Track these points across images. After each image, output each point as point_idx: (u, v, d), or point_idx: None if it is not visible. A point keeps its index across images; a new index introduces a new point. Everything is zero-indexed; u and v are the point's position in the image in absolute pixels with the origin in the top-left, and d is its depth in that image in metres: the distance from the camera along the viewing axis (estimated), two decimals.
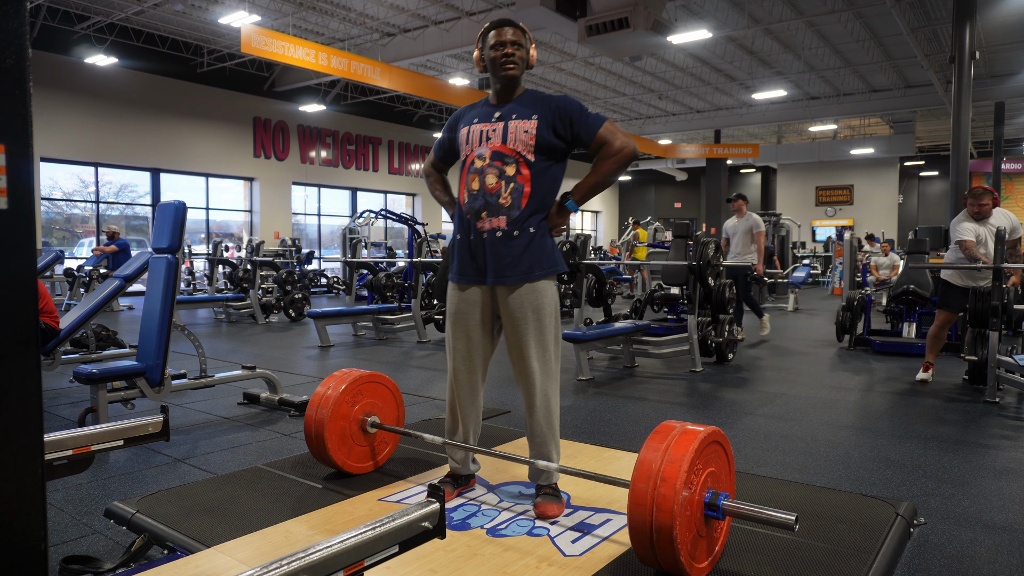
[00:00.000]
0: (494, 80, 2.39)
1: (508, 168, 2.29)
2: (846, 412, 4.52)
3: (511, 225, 2.28)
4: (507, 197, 2.28)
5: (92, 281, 10.47)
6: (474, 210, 2.32)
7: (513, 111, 2.34)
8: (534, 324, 2.33)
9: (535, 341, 2.34)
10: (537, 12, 11.33)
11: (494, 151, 2.31)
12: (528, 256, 2.30)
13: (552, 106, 2.32)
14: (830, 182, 28.03)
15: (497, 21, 2.38)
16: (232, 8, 13.20)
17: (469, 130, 2.39)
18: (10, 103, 0.84)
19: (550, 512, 2.31)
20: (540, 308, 2.33)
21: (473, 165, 2.34)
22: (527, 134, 2.29)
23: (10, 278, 0.84)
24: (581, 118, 2.30)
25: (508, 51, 2.32)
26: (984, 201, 5.17)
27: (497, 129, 2.33)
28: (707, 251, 5.96)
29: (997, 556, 2.38)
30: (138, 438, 2.47)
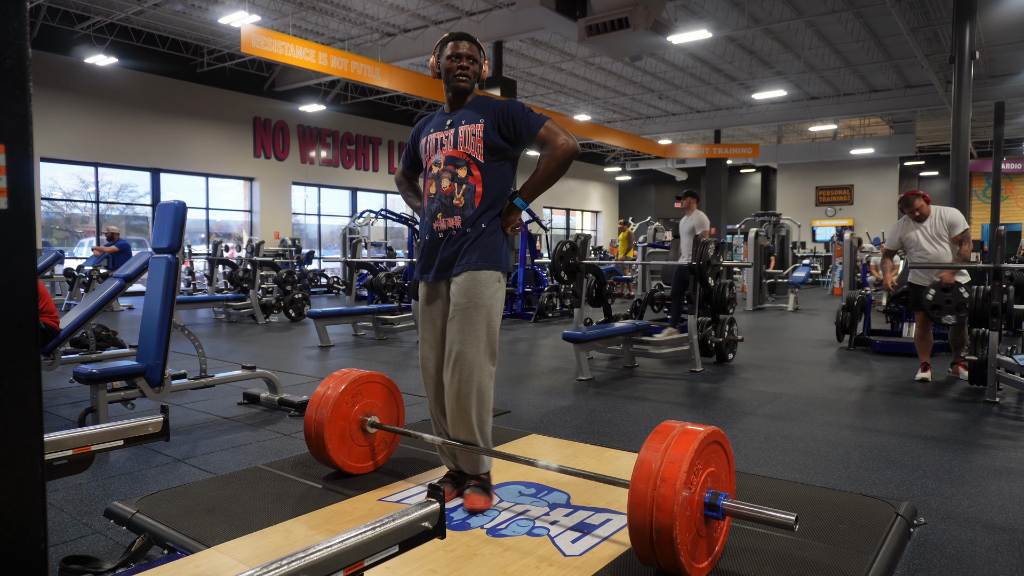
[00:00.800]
0: (447, 89, 2.54)
1: (460, 170, 2.44)
2: (846, 412, 4.52)
3: (465, 223, 2.42)
4: (460, 198, 2.42)
5: (92, 281, 10.47)
6: (431, 212, 2.48)
7: (463, 117, 2.49)
8: (469, 311, 2.37)
9: (465, 327, 2.36)
10: (537, 12, 11.33)
11: (447, 156, 2.46)
12: (474, 248, 2.41)
13: (497, 110, 2.46)
14: (830, 182, 28.03)
15: (455, 34, 2.52)
16: (232, 8, 13.19)
17: (427, 140, 2.56)
18: (10, 103, 0.84)
19: (479, 504, 2.37)
20: (478, 295, 2.38)
21: (431, 171, 2.51)
22: (475, 137, 2.43)
23: (10, 278, 0.84)
24: (523, 119, 2.43)
25: (463, 64, 2.47)
26: (917, 205, 5.35)
27: (449, 135, 2.48)
28: (707, 251, 5.96)
29: (997, 556, 2.38)
30: (138, 438, 2.47)
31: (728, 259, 15.17)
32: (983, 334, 5.04)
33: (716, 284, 6.29)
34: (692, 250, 6.77)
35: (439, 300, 2.50)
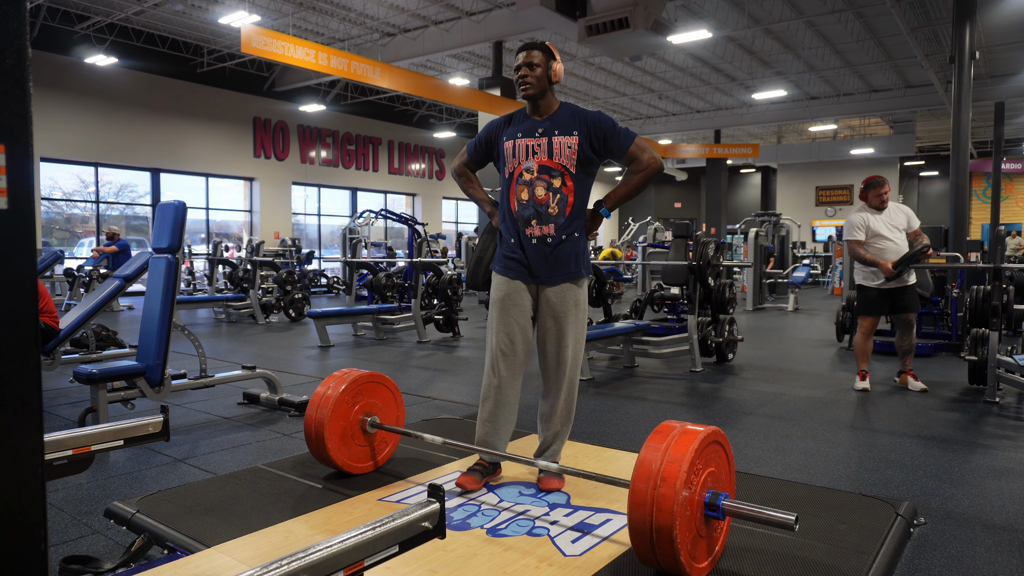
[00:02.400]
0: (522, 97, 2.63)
1: (555, 180, 2.54)
2: (846, 412, 4.52)
3: (558, 231, 2.55)
4: (555, 207, 2.54)
5: (92, 281, 10.47)
6: (524, 218, 2.57)
7: (555, 127, 2.56)
8: (574, 317, 2.59)
9: (573, 331, 2.59)
10: (537, 12, 11.33)
11: (541, 165, 2.55)
12: (572, 258, 2.57)
13: (589, 123, 2.55)
14: (830, 182, 28.03)
15: (525, 44, 2.62)
16: (232, 8, 13.19)
17: (515, 144, 2.60)
18: (10, 103, 0.84)
19: (553, 485, 2.56)
20: (579, 303, 2.61)
21: (521, 177, 2.58)
22: (571, 149, 2.53)
23: (10, 278, 0.84)
24: (614, 135, 2.54)
25: (522, 73, 2.57)
26: (887, 189, 5.09)
27: (542, 144, 2.55)
28: (707, 251, 5.96)
29: (997, 556, 2.38)
30: (138, 438, 2.47)
31: (728, 259, 15.17)
32: (983, 334, 5.04)
33: (716, 284, 6.29)
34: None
35: (523, 297, 2.61)
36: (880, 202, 5.05)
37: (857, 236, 5.03)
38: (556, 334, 2.58)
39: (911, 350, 5.24)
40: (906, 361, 5.26)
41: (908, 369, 5.26)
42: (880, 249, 4.97)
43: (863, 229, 5.04)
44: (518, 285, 2.61)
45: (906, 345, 5.21)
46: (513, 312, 2.61)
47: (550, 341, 2.60)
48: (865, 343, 5.18)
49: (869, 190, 5.09)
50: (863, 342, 5.19)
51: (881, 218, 5.03)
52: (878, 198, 5.05)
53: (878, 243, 5.00)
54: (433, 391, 5.14)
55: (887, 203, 5.08)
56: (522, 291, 2.60)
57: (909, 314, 5.09)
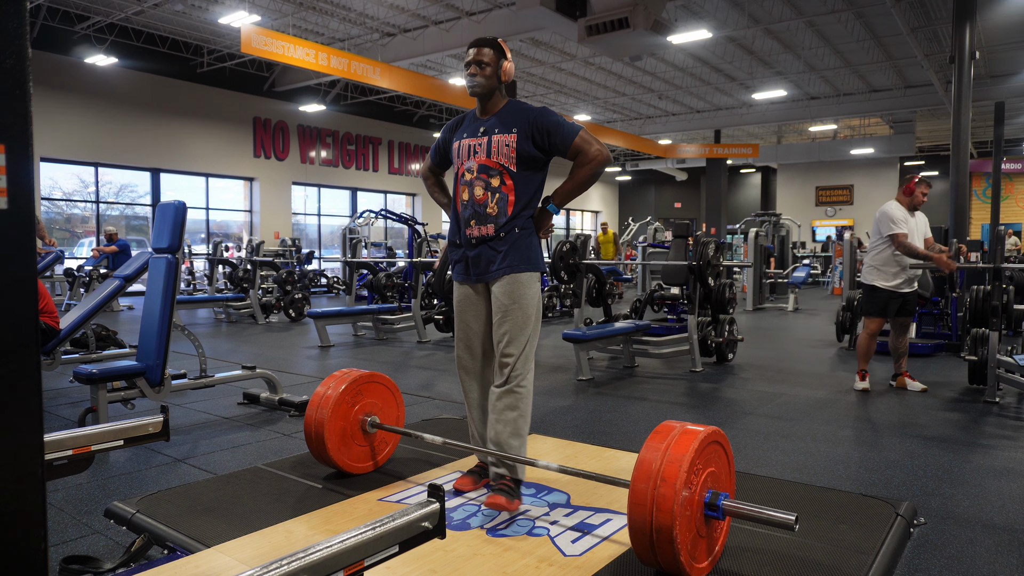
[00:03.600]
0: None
1: (493, 180, 2.48)
2: (846, 412, 4.52)
3: (498, 230, 2.48)
4: (494, 207, 2.48)
5: (92, 281, 10.47)
6: (465, 218, 2.54)
7: (495, 126, 2.51)
8: (517, 310, 2.47)
9: (516, 327, 2.47)
10: (537, 12, 11.32)
11: (480, 164, 2.50)
12: (513, 252, 2.49)
13: (530, 119, 2.48)
14: (830, 182, 28.02)
15: (473, 41, 2.56)
16: (232, 8, 13.19)
17: (459, 144, 2.59)
18: (10, 103, 0.84)
19: (500, 504, 2.33)
20: (523, 297, 2.49)
21: (463, 177, 2.55)
22: (508, 147, 2.47)
23: (10, 278, 0.84)
24: (557, 130, 2.46)
25: (472, 71, 2.52)
26: (926, 191, 4.98)
27: (482, 143, 2.52)
28: (707, 251, 5.96)
29: (997, 556, 2.38)
30: (138, 438, 2.47)
31: (728, 259, 15.17)
32: (983, 334, 5.04)
33: (716, 284, 6.29)
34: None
35: (475, 301, 2.58)
36: (922, 201, 4.99)
37: (903, 229, 4.84)
38: (499, 329, 2.49)
39: (906, 352, 5.24)
40: (901, 363, 5.26)
41: (904, 371, 5.24)
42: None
43: (907, 224, 4.89)
44: (467, 289, 2.58)
45: (902, 347, 5.20)
46: (467, 316, 2.59)
47: (495, 335, 2.52)
48: (870, 344, 5.12)
49: (919, 185, 4.96)
50: (868, 343, 5.12)
51: (915, 221, 4.99)
52: (924, 197, 4.97)
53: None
54: (433, 391, 5.14)
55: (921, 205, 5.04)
56: (473, 293, 2.58)
57: (908, 318, 5.11)
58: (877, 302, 5.00)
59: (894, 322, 5.15)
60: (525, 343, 2.48)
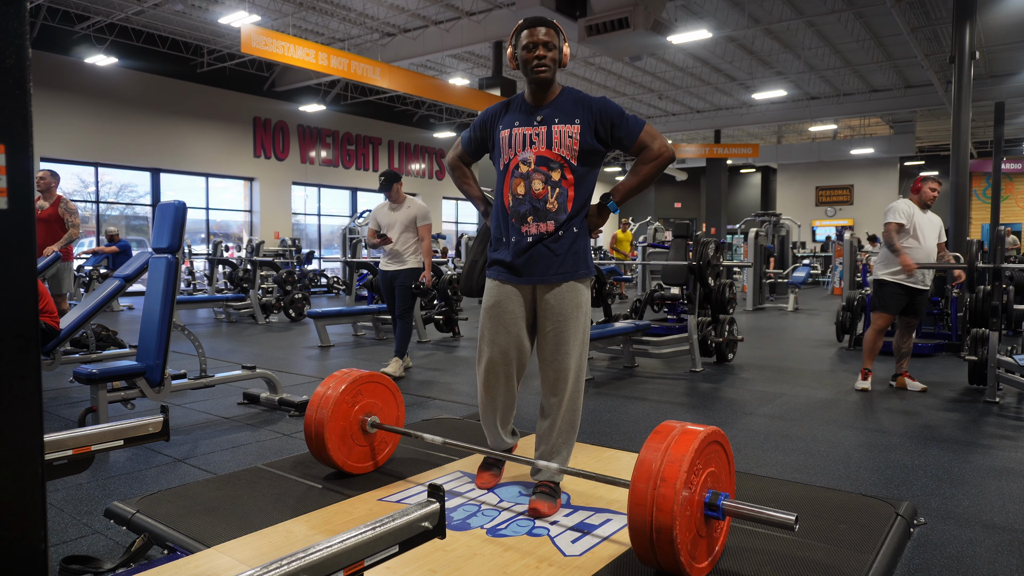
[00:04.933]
0: (528, 81, 2.37)
1: (553, 173, 2.31)
2: (846, 412, 4.52)
3: (558, 228, 2.33)
4: (554, 202, 2.32)
5: (92, 281, 10.47)
6: (519, 214, 2.35)
7: (555, 115, 2.34)
8: (575, 320, 2.36)
9: (575, 337, 2.37)
10: (537, 12, 11.32)
11: (539, 156, 2.32)
12: (571, 256, 2.35)
13: (594, 109, 2.33)
14: (830, 182, 28.03)
15: (531, 20, 2.36)
16: (232, 8, 13.19)
17: (511, 132, 2.38)
18: (10, 103, 0.84)
19: (543, 510, 2.29)
20: (580, 305, 2.38)
21: (517, 169, 2.35)
22: (571, 139, 2.31)
23: (10, 278, 0.84)
24: (622, 122, 2.32)
25: (540, 53, 2.31)
26: (938, 187, 4.99)
27: (540, 133, 2.33)
28: (707, 251, 5.96)
29: (997, 556, 2.38)
30: (138, 438, 2.47)
31: (728, 259, 15.16)
32: (983, 334, 5.04)
33: (716, 284, 6.29)
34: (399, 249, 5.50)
35: (518, 303, 2.40)
36: (932, 197, 4.96)
37: (898, 219, 4.90)
38: (555, 340, 2.35)
39: (909, 352, 5.21)
40: (903, 364, 5.24)
41: (905, 371, 5.23)
42: (911, 247, 4.89)
43: (908, 217, 4.91)
44: (510, 290, 2.39)
45: (905, 347, 5.18)
46: (504, 320, 2.40)
47: (548, 348, 2.37)
48: (876, 340, 5.09)
49: (926, 181, 4.98)
50: (874, 339, 5.08)
51: (923, 217, 4.96)
52: (932, 192, 4.96)
53: (913, 239, 4.92)
54: (433, 391, 5.14)
55: (933, 202, 5.00)
56: (514, 296, 2.39)
57: (916, 318, 5.07)
58: (883, 296, 4.99)
59: (900, 321, 5.11)
60: (581, 353, 2.39)
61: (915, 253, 4.87)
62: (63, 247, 6.17)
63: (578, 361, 2.39)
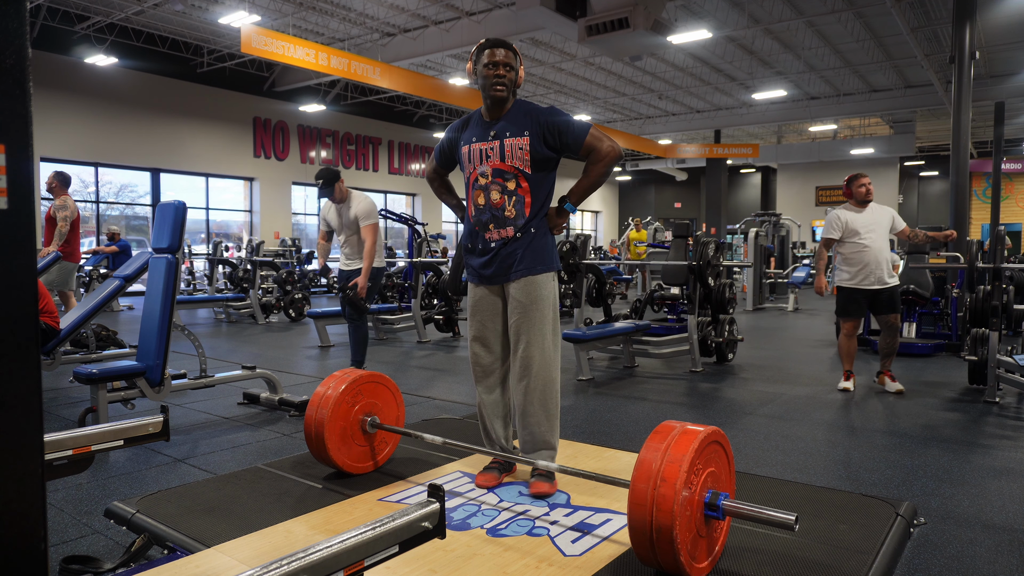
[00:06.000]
0: (484, 97, 2.55)
1: (509, 183, 2.51)
2: (846, 412, 4.52)
3: (517, 232, 2.52)
4: (511, 209, 2.51)
5: (92, 281, 10.47)
6: (482, 223, 2.56)
7: (506, 129, 2.51)
8: (536, 312, 2.53)
9: (533, 327, 2.53)
10: (537, 12, 11.33)
11: (495, 168, 2.52)
12: (530, 254, 2.53)
13: (541, 120, 2.50)
14: (830, 182, 28.01)
15: (491, 41, 2.54)
16: (232, 8, 13.19)
17: (469, 149, 2.58)
18: (10, 103, 0.84)
19: (544, 489, 2.47)
20: (540, 299, 2.54)
21: (477, 182, 2.56)
22: (522, 151, 2.49)
23: (10, 278, 0.84)
24: (568, 129, 2.49)
25: (500, 72, 2.49)
26: (866, 180, 4.99)
27: (495, 147, 2.52)
28: (707, 251, 5.96)
29: (997, 556, 2.38)
30: (138, 438, 2.47)
31: (728, 259, 15.16)
32: (983, 334, 5.04)
33: (716, 284, 6.29)
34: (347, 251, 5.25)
35: (492, 301, 2.61)
36: (864, 193, 4.95)
37: (831, 234, 4.98)
38: (516, 329, 2.55)
39: (893, 352, 5.13)
40: (886, 362, 5.16)
41: (886, 370, 5.15)
42: (856, 250, 4.89)
43: (839, 227, 4.95)
44: (484, 290, 2.61)
45: (888, 347, 5.09)
46: (484, 317, 2.62)
47: (512, 338, 2.58)
48: (848, 344, 5.11)
49: (851, 183, 5.02)
50: (846, 343, 5.13)
51: (862, 217, 4.93)
52: (861, 188, 4.95)
53: (854, 243, 4.90)
54: (433, 391, 5.14)
55: (870, 195, 4.98)
56: (490, 295, 2.61)
57: (891, 316, 4.97)
58: (842, 302, 5.06)
59: (879, 321, 5.06)
60: (543, 341, 2.54)
61: (863, 255, 4.85)
62: (59, 246, 6.20)
63: (543, 350, 2.54)
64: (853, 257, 4.91)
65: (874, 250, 4.86)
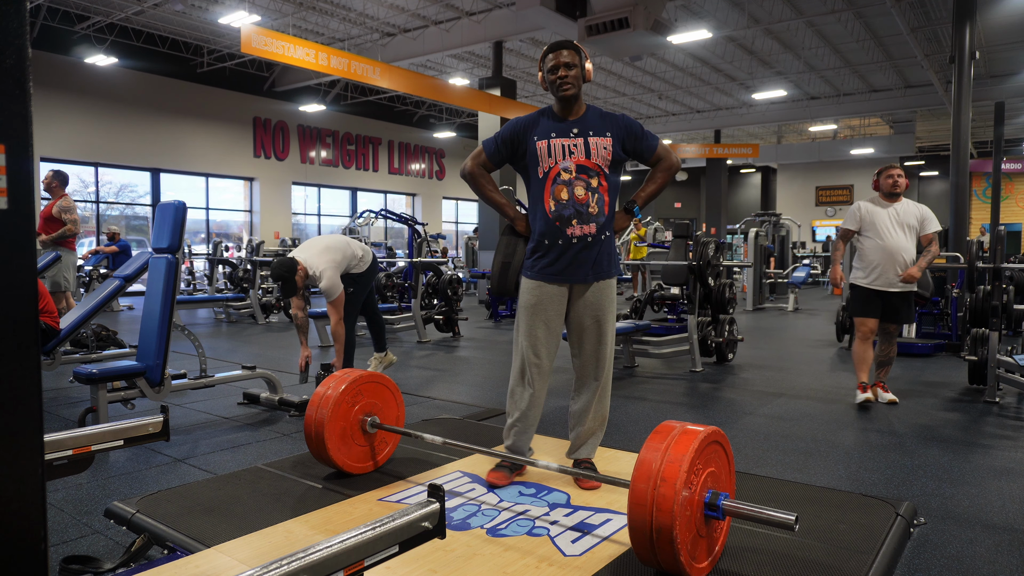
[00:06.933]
0: (556, 98, 2.65)
1: (592, 181, 2.59)
2: (846, 412, 4.52)
3: (599, 230, 2.60)
4: (595, 206, 2.59)
5: (92, 281, 10.47)
6: (564, 218, 2.58)
7: (589, 128, 2.61)
8: (612, 314, 2.68)
9: (610, 330, 2.68)
10: (537, 12, 11.33)
11: (579, 165, 2.58)
12: (606, 257, 2.64)
13: (620, 124, 2.65)
14: (830, 182, 28.03)
15: (554, 44, 2.63)
16: (232, 8, 13.19)
17: (549, 143, 2.61)
18: (10, 103, 0.84)
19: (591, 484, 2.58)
20: (613, 301, 2.69)
21: (559, 177, 2.59)
22: (606, 150, 2.59)
23: (10, 278, 0.84)
24: (643, 137, 2.67)
25: (562, 74, 2.57)
26: (897, 171, 4.56)
27: (579, 144, 2.59)
28: (707, 251, 5.96)
29: (997, 556, 2.38)
30: (138, 438, 2.47)
31: (728, 259, 15.16)
32: (983, 334, 5.04)
33: (716, 284, 6.29)
34: None
35: (559, 302, 2.65)
36: (890, 185, 4.55)
37: (848, 225, 4.70)
38: (597, 333, 2.65)
39: (889, 362, 4.76)
40: (880, 372, 4.80)
41: (880, 381, 4.78)
42: (871, 247, 4.53)
43: (856, 220, 4.63)
44: (552, 290, 2.62)
45: (886, 356, 4.73)
46: (545, 318, 2.64)
47: (590, 340, 2.66)
48: (864, 350, 4.65)
49: (880, 174, 4.66)
50: (862, 348, 4.65)
51: (887, 211, 4.53)
52: (888, 180, 4.56)
53: (870, 239, 4.56)
54: (433, 391, 5.14)
55: (900, 188, 4.55)
56: (556, 296, 2.63)
57: (891, 324, 4.62)
58: (859, 300, 4.65)
59: (878, 327, 4.69)
60: (612, 343, 2.71)
61: (873, 254, 4.51)
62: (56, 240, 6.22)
63: (612, 351, 2.72)
64: (868, 254, 4.55)
65: (890, 249, 4.46)
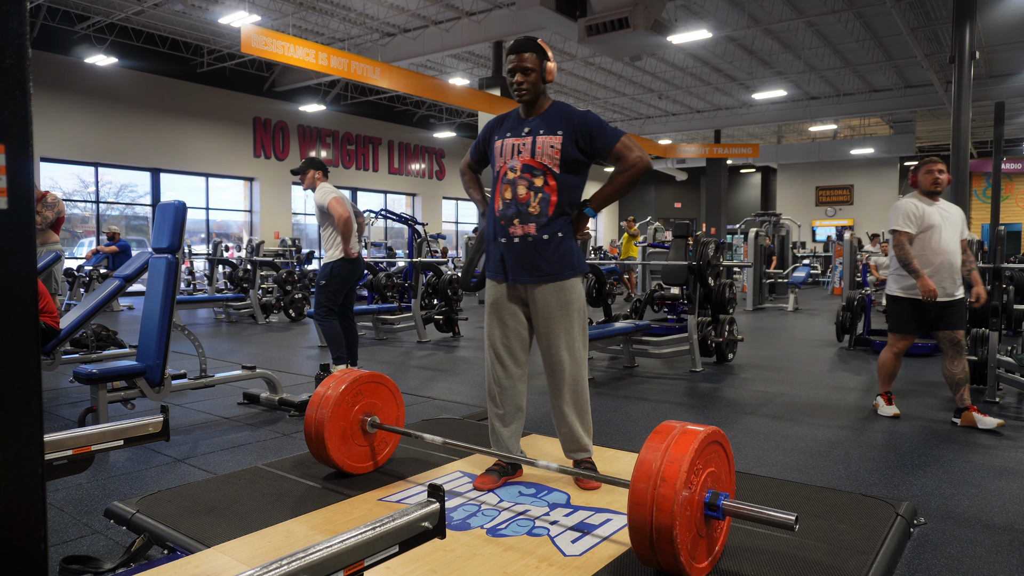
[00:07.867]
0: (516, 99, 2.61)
1: (536, 180, 2.52)
2: (846, 412, 4.52)
3: (540, 231, 2.52)
4: (536, 206, 2.52)
5: (92, 281, 10.47)
6: (507, 217, 2.55)
7: (540, 126, 2.56)
8: (563, 318, 2.57)
9: (564, 333, 2.57)
10: (537, 12, 11.33)
11: (524, 164, 2.54)
12: (557, 258, 2.54)
13: (575, 122, 2.53)
14: (830, 182, 28.02)
15: (515, 45, 2.57)
16: (232, 8, 13.19)
17: (502, 143, 2.61)
18: (10, 103, 0.84)
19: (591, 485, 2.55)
20: (568, 303, 2.57)
21: (506, 176, 2.57)
22: (553, 149, 2.51)
23: (10, 278, 0.84)
24: (600, 133, 2.51)
25: (519, 79, 2.54)
26: (941, 167, 4.05)
27: (527, 143, 2.55)
28: (707, 251, 5.96)
29: (997, 556, 2.38)
30: (138, 438, 2.47)
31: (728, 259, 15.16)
32: (983, 334, 5.04)
33: (716, 284, 6.29)
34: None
35: (515, 302, 2.62)
36: (933, 183, 4.03)
37: (905, 227, 3.96)
38: (546, 337, 2.58)
39: (967, 378, 4.05)
40: (963, 393, 4.06)
41: (971, 404, 4.07)
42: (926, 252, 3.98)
43: (915, 220, 3.97)
44: (502, 288, 2.61)
45: (960, 371, 4.04)
46: (503, 315, 2.62)
47: (542, 343, 2.61)
48: (895, 364, 4.26)
49: (919, 169, 4.12)
50: (893, 363, 4.26)
51: (936, 211, 4.04)
52: (929, 176, 4.04)
53: (931, 241, 3.98)
54: (433, 391, 5.14)
55: (941, 186, 4.05)
56: (506, 293, 2.61)
57: (956, 332, 4.02)
58: (900, 315, 4.10)
59: (939, 339, 4.10)
60: (573, 344, 2.58)
61: (934, 258, 3.99)
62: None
63: (571, 354, 2.58)
64: (922, 259, 3.97)
65: (948, 253, 3.98)
